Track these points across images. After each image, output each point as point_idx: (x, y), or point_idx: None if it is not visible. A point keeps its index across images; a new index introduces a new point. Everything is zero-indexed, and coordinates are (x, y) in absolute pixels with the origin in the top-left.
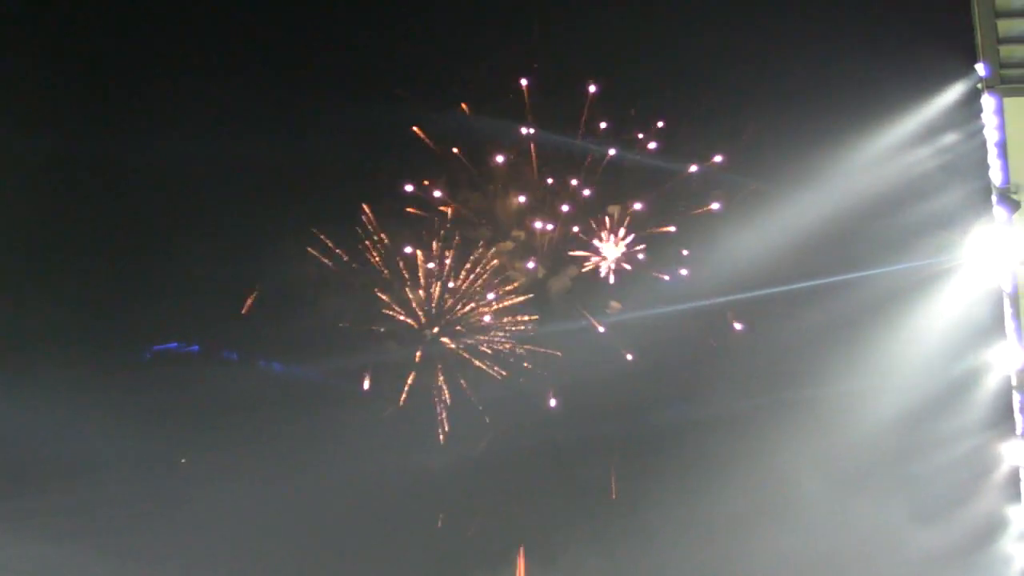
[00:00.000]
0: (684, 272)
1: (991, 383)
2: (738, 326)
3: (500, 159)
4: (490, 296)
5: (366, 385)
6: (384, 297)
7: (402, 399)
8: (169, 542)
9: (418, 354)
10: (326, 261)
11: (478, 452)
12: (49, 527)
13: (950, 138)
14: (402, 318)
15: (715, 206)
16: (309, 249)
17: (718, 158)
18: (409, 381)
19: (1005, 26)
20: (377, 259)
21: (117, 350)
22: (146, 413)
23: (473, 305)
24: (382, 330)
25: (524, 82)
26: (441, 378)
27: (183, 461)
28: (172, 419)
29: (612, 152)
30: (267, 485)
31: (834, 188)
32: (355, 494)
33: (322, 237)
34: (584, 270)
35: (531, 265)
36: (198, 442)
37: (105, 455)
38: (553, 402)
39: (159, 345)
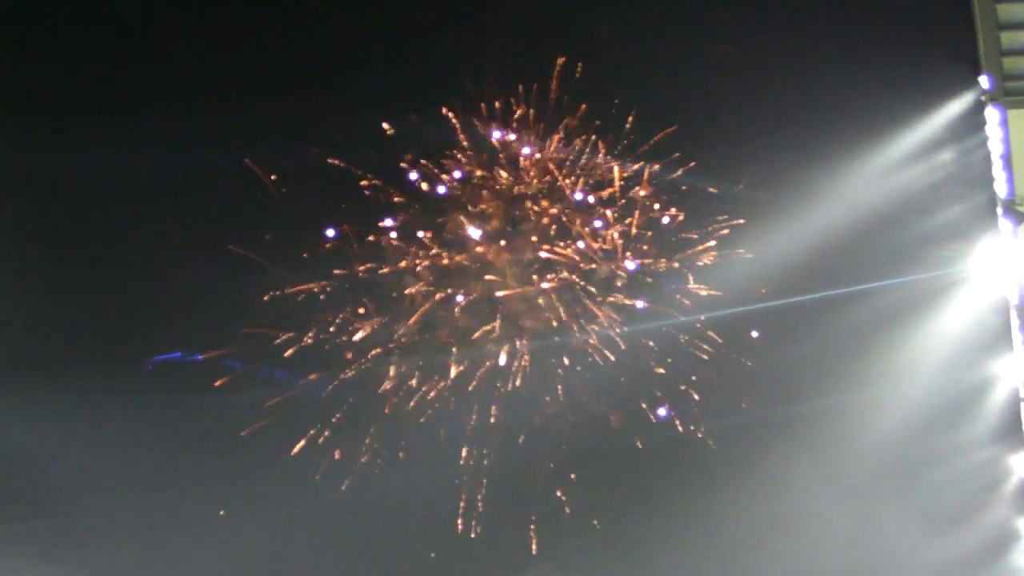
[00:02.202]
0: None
1: (999, 395)
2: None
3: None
4: None
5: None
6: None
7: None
8: (172, 562)
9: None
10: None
11: (474, 465)
12: (49, 551)
13: (954, 151)
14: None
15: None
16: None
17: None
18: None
19: (1008, 38)
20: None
21: (118, 363)
22: (148, 429)
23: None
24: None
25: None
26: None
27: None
28: (174, 435)
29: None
30: (276, 504)
31: (836, 202)
32: (360, 510)
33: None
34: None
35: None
36: (201, 461)
37: (106, 474)
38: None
39: (161, 356)
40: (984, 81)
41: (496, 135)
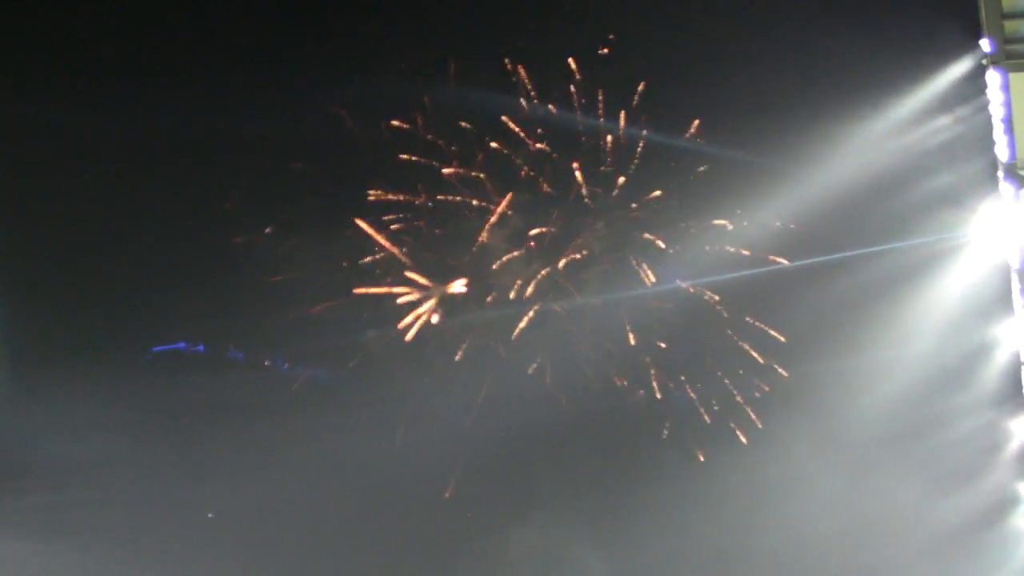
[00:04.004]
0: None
1: (1000, 359)
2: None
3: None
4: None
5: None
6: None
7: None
8: (167, 540)
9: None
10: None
11: (467, 433)
12: (45, 524)
13: (955, 115)
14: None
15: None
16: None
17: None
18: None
19: (1009, 1)
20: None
21: (122, 350)
22: (150, 412)
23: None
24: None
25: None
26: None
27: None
28: (175, 418)
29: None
30: (268, 486)
31: (837, 166)
32: (355, 490)
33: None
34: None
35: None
36: (201, 442)
37: (106, 454)
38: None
39: (165, 346)
40: (985, 44)
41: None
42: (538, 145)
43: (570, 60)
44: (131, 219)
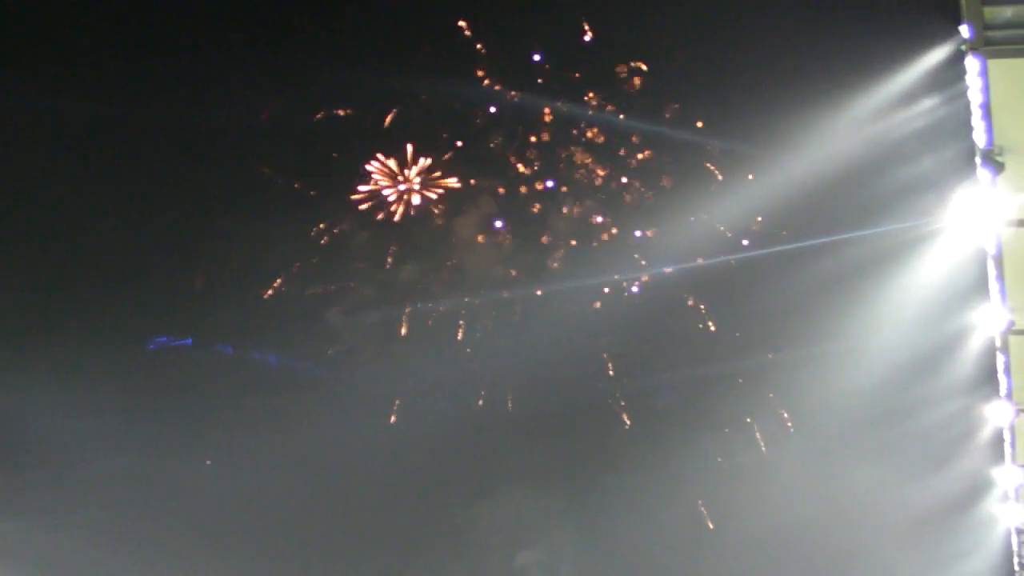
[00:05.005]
0: (647, 234)
1: (975, 345)
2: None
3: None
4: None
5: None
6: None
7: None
8: (149, 522)
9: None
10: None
11: (447, 421)
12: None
13: (934, 100)
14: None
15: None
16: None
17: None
18: None
19: None
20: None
21: (112, 343)
22: (137, 401)
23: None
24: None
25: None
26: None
27: (208, 463)
28: (161, 407)
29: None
30: (251, 470)
31: (817, 151)
32: (337, 479)
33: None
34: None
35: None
36: (185, 430)
37: (96, 441)
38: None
39: (152, 341)
40: (964, 30)
41: None
42: (498, 139)
43: (533, 40)
44: (109, 209)
